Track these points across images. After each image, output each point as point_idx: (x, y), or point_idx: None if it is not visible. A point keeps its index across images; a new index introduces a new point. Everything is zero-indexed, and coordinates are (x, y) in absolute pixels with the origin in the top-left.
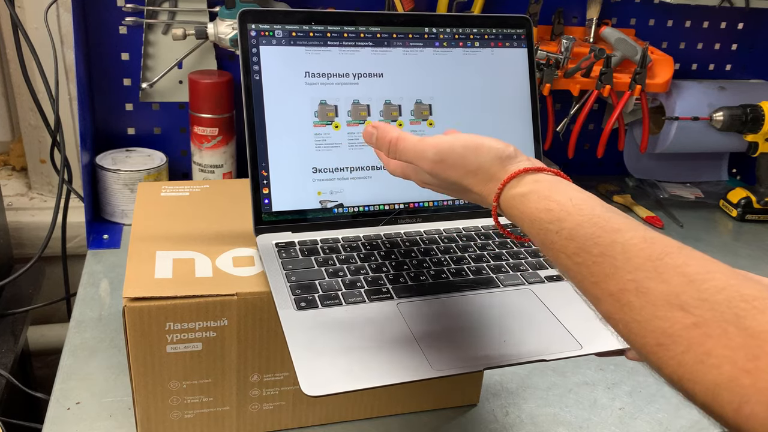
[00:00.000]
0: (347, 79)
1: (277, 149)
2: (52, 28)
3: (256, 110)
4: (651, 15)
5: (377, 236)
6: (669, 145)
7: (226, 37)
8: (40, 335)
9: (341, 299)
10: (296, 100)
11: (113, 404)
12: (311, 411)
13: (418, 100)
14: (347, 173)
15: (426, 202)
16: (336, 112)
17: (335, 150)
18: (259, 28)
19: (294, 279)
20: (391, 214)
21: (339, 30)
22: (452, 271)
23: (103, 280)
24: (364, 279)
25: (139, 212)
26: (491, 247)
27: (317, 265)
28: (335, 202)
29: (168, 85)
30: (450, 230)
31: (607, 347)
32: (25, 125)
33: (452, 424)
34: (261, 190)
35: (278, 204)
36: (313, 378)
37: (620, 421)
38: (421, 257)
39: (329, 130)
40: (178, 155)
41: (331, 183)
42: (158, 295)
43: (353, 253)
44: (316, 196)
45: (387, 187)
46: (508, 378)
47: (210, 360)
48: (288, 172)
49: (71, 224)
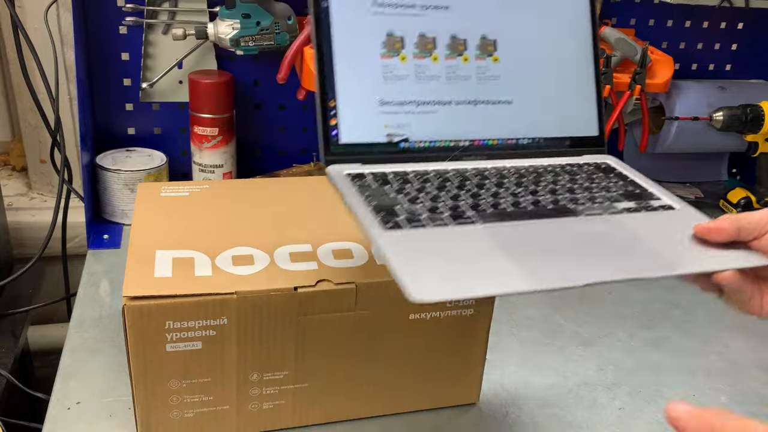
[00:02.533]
0: (413, 9)
1: (345, 80)
2: (52, 28)
3: (325, 39)
4: (651, 15)
5: (445, 171)
6: (669, 145)
7: (226, 37)
8: (40, 335)
9: (426, 222)
10: (363, 29)
11: (113, 404)
12: (311, 410)
13: (483, 35)
14: (413, 107)
15: (491, 140)
16: (403, 43)
17: (401, 83)
18: None
19: (375, 203)
20: (457, 150)
21: None
22: (530, 200)
23: (103, 280)
24: (443, 206)
25: (139, 212)
26: (563, 182)
27: (393, 193)
28: (401, 135)
29: (168, 85)
30: (518, 167)
31: (695, 269)
32: (25, 125)
33: (452, 424)
34: (329, 121)
35: (346, 136)
36: (420, 284)
37: (620, 421)
38: (495, 189)
39: (396, 62)
40: (178, 155)
41: (397, 116)
42: (158, 294)
43: (425, 184)
44: (383, 129)
45: (452, 122)
46: (508, 378)
47: (210, 359)
48: (356, 104)
49: (71, 224)
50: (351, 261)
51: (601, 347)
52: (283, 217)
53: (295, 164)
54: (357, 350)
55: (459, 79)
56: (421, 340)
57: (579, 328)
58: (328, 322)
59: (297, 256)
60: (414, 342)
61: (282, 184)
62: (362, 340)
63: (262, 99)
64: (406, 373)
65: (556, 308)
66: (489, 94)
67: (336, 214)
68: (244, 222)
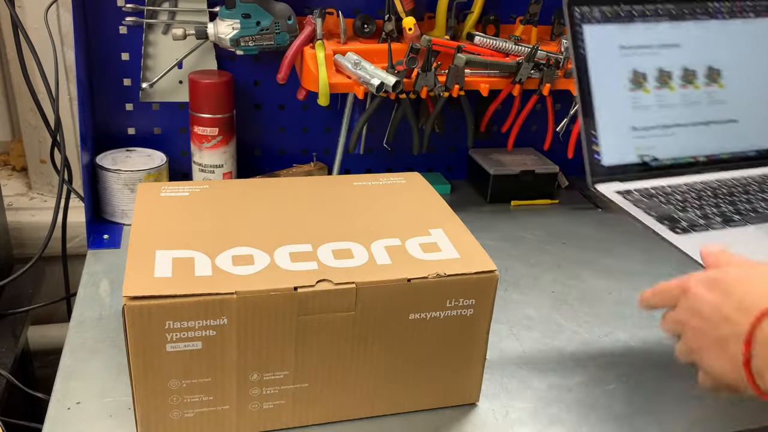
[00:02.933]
0: (651, 49)
1: (602, 112)
2: (52, 28)
3: (584, 80)
4: None
5: (694, 183)
6: None
7: (226, 37)
8: (40, 335)
9: (705, 227)
10: (613, 69)
11: (113, 404)
12: (311, 410)
13: (710, 66)
14: (658, 131)
15: (723, 154)
16: (645, 78)
17: (647, 111)
18: (581, 10)
19: (654, 214)
20: (697, 164)
21: (641, 8)
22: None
23: (104, 280)
24: (710, 212)
25: (139, 212)
26: None
27: (664, 205)
28: (651, 156)
29: (168, 85)
30: (752, 176)
31: None
32: (25, 125)
33: (452, 424)
34: (592, 148)
35: (607, 159)
36: None
37: (620, 421)
38: (745, 195)
39: (640, 94)
40: (178, 155)
41: (646, 140)
42: (158, 294)
43: (685, 195)
44: (635, 151)
45: (690, 141)
46: (508, 378)
47: (210, 359)
48: (612, 132)
49: (71, 224)
50: (351, 261)
51: (601, 347)
52: (283, 217)
53: (295, 164)
54: (357, 350)
55: (692, 104)
56: (421, 340)
57: (579, 328)
58: (328, 322)
59: (297, 256)
60: (414, 342)
61: (282, 184)
62: (362, 340)
63: (262, 99)
64: (406, 373)
65: (556, 308)
66: (718, 115)
67: (336, 214)
68: (244, 222)
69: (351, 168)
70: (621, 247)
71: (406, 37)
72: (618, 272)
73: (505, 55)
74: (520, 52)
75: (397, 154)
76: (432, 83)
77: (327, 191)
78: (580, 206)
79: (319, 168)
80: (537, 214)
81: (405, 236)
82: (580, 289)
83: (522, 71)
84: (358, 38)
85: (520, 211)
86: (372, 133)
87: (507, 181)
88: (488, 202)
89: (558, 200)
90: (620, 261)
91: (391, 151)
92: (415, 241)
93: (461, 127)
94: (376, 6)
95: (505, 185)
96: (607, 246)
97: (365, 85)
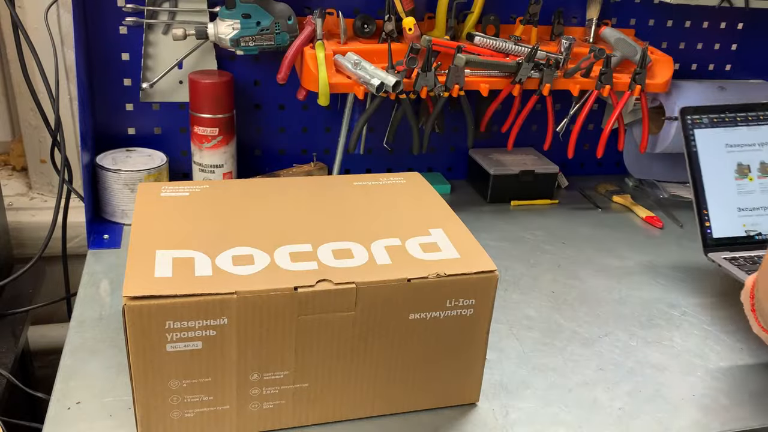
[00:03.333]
0: (753, 147)
1: (712, 196)
2: (52, 28)
3: (696, 171)
4: (651, 15)
5: None
6: (669, 145)
7: (226, 37)
8: (40, 335)
9: None
10: (721, 162)
11: (113, 404)
12: (311, 410)
13: None
14: (761, 211)
15: None
16: (749, 169)
17: (751, 195)
18: (692, 118)
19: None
20: None
21: (744, 115)
22: None
23: (104, 280)
24: None
25: (139, 212)
26: None
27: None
28: (755, 231)
29: (168, 85)
30: None
31: None
32: (25, 125)
33: (452, 424)
34: (704, 224)
35: (717, 233)
36: None
37: (620, 421)
38: None
39: (745, 182)
40: (178, 155)
41: (751, 218)
42: (158, 294)
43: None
44: (741, 227)
45: None
46: (508, 378)
47: (210, 359)
48: (721, 211)
49: (71, 224)
50: (351, 261)
51: (601, 347)
52: (283, 217)
53: (295, 164)
54: (357, 350)
55: None
56: (421, 340)
57: (579, 328)
58: (328, 322)
59: (297, 256)
60: (414, 342)
61: (282, 184)
62: (362, 340)
63: (262, 99)
64: (406, 373)
65: (556, 308)
66: None
67: (336, 214)
68: (244, 222)
69: (351, 168)
70: (621, 247)
71: (406, 37)
72: (618, 272)
73: (505, 56)
74: (520, 52)
75: (397, 154)
76: (432, 83)
77: (327, 191)
78: (580, 206)
79: (319, 168)
80: (537, 214)
81: (405, 236)
82: (580, 289)
83: (522, 71)
84: (358, 38)
85: (520, 211)
86: (372, 133)
87: (507, 181)
88: (488, 202)
89: (558, 200)
90: (620, 261)
91: (391, 151)
92: (415, 241)
93: (461, 127)
94: (376, 6)
95: (505, 185)
96: (607, 246)
97: (365, 85)
